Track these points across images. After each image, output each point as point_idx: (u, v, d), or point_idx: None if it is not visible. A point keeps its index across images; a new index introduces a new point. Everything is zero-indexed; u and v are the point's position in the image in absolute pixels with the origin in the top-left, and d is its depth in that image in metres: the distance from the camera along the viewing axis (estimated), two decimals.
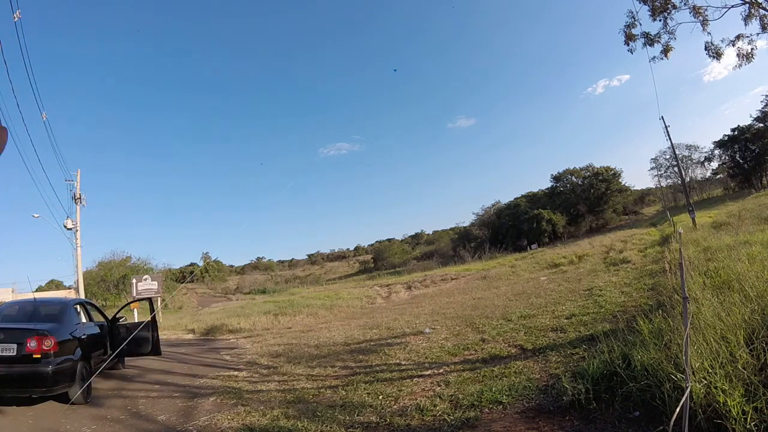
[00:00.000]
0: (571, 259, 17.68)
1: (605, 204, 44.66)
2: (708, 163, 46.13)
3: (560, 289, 10.70)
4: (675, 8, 10.58)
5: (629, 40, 11.37)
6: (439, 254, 49.41)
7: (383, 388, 4.85)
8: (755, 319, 3.25)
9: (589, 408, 3.23)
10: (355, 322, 11.91)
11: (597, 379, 3.46)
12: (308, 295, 23.56)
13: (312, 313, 15.17)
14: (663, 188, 49.98)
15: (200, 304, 30.81)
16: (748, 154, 40.17)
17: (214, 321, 15.20)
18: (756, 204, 18.93)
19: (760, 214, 13.92)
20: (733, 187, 42.60)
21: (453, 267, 29.81)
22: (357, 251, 78.38)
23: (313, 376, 6.06)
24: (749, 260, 5.57)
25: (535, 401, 3.69)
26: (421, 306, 13.42)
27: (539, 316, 7.57)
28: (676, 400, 2.49)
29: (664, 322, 3.81)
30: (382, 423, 3.80)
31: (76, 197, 19.17)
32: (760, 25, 10.46)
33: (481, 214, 51.26)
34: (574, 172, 46.46)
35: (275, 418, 4.29)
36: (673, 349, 3.13)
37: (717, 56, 11.01)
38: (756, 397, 2.43)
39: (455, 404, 3.96)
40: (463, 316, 9.47)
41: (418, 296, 17.64)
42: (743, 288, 4.14)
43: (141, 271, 27.65)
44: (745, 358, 2.74)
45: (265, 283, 51.88)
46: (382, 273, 43.48)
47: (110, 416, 4.96)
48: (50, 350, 4.94)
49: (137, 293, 16.32)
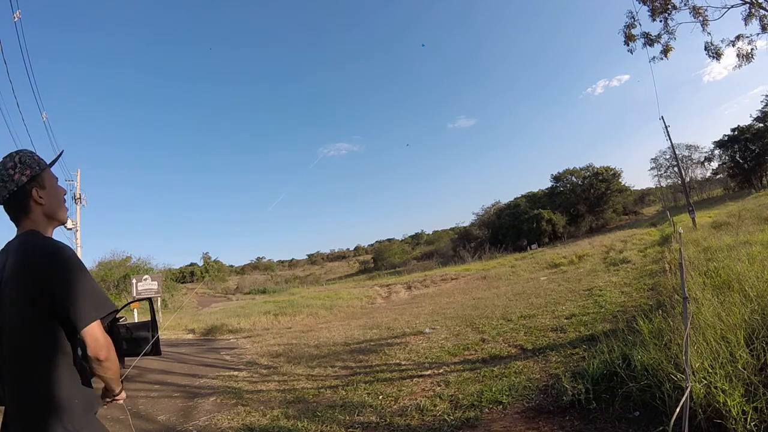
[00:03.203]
0: (571, 259, 17.67)
1: (605, 204, 44.63)
2: (708, 163, 46.15)
3: (560, 289, 10.69)
4: (675, 8, 10.60)
5: (629, 40, 11.39)
6: (439, 254, 49.43)
7: (383, 388, 4.85)
8: (755, 319, 3.24)
9: (589, 408, 3.23)
10: (355, 322, 11.91)
11: (597, 379, 3.46)
12: (308, 295, 23.55)
13: (312, 313, 15.16)
14: (663, 188, 49.97)
15: (200, 304, 30.78)
16: (748, 154, 40.14)
17: (214, 321, 15.21)
18: (756, 204, 18.92)
19: (760, 214, 13.91)
20: (733, 187, 42.57)
21: (453, 267, 29.79)
22: (357, 251, 78.37)
23: (313, 376, 6.06)
24: (749, 260, 5.57)
25: (535, 401, 3.69)
26: (421, 306, 13.42)
27: (539, 316, 7.57)
28: (676, 400, 2.49)
29: (664, 322, 3.81)
30: (382, 423, 3.80)
31: (76, 197, 19.19)
32: (760, 25, 10.47)
33: (481, 214, 51.29)
34: (574, 172, 46.44)
35: (275, 418, 4.29)
36: (673, 349, 3.13)
37: (717, 56, 11.02)
38: (756, 397, 2.43)
39: (455, 404, 3.96)
40: (463, 316, 9.46)
41: (418, 296, 17.64)
42: (743, 288, 4.14)
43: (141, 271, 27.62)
44: (745, 358, 2.74)
45: (265, 283, 51.83)
46: (382, 273, 43.49)
47: (110, 416, 4.96)
48: None
49: (137, 293, 16.30)
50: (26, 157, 1.34)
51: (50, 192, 1.38)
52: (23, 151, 1.37)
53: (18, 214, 1.33)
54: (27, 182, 1.32)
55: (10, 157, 1.33)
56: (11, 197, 1.31)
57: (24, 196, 1.32)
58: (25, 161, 1.33)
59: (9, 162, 1.32)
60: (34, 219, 1.34)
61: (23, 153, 1.36)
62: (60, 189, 1.44)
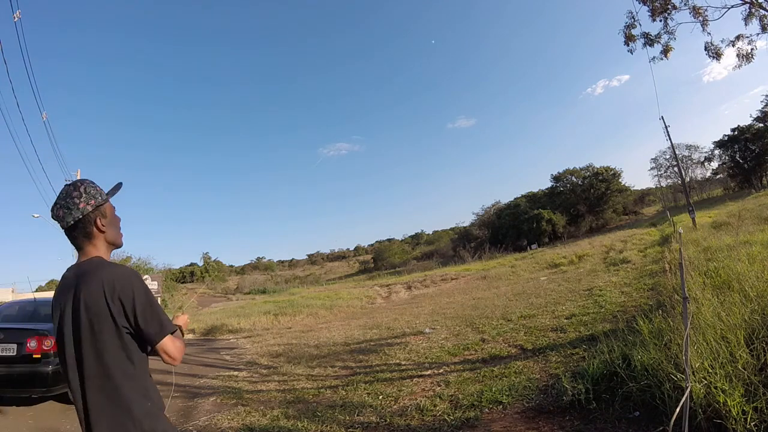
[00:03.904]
0: (571, 259, 17.66)
1: (605, 204, 44.61)
2: (708, 163, 46.12)
3: (560, 289, 10.69)
4: (675, 8, 10.60)
5: (629, 40, 11.39)
6: (439, 254, 49.41)
7: (383, 388, 4.85)
8: (755, 319, 3.24)
9: (589, 408, 3.23)
10: (355, 322, 11.91)
11: (597, 379, 3.46)
12: (308, 295, 23.55)
13: (312, 313, 15.17)
14: (663, 188, 49.95)
15: (200, 304, 30.77)
16: (748, 154, 40.14)
17: (214, 321, 15.22)
18: (756, 204, 18.90)
19: (760, 214, 13.90)
20: (733, 187, 42.56)
21: (453, 267, 29.79)
22: (357, 251, 78.36)
23: (313, 376, 6.06)
24: (749, 260, 5.57)
25: (535, 401, 3.69)
26: (421, 306, 13.42)
27: (539, 316, 7.57)
28: (676, 400, 2.49)
29: (664, 322, 3.81)
30: (382, 423, 3.80)
31: None
32: (760, 25, 10.47)
33: (481, 214, 51.29)
34: (574, 172, 46.43)
35: (275, 418, 4.29)
36: (673, 349, 3.13)
37: (717, 56, 11.02)
38: (756, 397, 2.43)
39: (455, 404, 3.96)
40: (463, 316, 9.46)
41: (418, 296, 17.64)
42: (743, 288, 4.14)
43: (141, 271, 27.61)
44: (745, 358, 2.73)
45: (265, 283, 51.85)
46: (382, 273, 43.49)
47: None
48: (50, 350, 4.94)
49: None
50: (90, 188, 1.49)
51: (111, 221, 1.53)
52: (87, 181, 1.51)
53: (82, 240, 1.48)
54: (92, 211, 1.46)
55: (75, 186, 1.47)
56: (76, 224, 1.45)
57: (88, 224, 1.47)
58: (90, 191, 1.47)
59: (74, 191, 1.46)
60: (97, 245, 1.49)
61: (87, 183, 1.50)
62: (117, 218, 1.59)
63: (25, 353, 4.88)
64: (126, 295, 1.37)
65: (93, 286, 1.36)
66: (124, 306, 1.36)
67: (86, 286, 1.36)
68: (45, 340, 4.94)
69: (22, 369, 4.85)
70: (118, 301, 1.35)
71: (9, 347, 4.90)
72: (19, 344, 4.91)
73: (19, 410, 5.13)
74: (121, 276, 1.40)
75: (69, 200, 1.44)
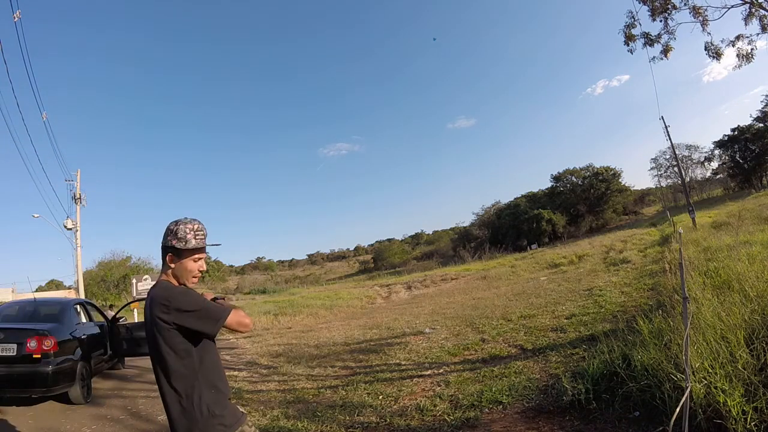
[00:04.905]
0: (571, 259, 17.67)
1: (605, 204, 44.63)
2: (708, 163, 46.17)
3: (560, 289, 10.70)
4: (675, 8, 10.58)
5: (629, 40, 11.37)
6: (439, 254, 49.44)
7: (383, 388, 4.84)
8: (755, 319, 3.24)
9: (589, 408, 3.23)
10: (355, 322, 11.91)
11: (597, 379, 3.46)
12: (308, 295, 23.55)
13: (312, 313, 15.17)
14: (663, 188, 49.99)
15: None
16: (748, 154, 40.17)
17: None
18: (756, 204, 18.91)
19: (760, 214, 13.91)
20: (733, 187, 42.59)
21: (453, 267, 29.80)
22: (357, 251, 78.37)
23: (313, 376, 6.06)
24: (749, 260, 5.57)
25: (535, 401, 3.69)
26: (421, 306, 13.42)
27: (539, 316, 7.57)
28: (676, 400, 2.49)
29: (664, 322, 3.81)
30: (382, 423, 3.80)
31: (76, 197, 19.20)
32: (760, 25, 10.46)
33: (481, 214, 51.31)
34: (574, 172, 46.45)
35: (275, 418, 4.29)
36: (673, 349, 3.13)
37: (717, 56, 11.01)
38: (756, 397, 2.43)
39: (455, 404, 3.96)
40: (463, 316, 9.46)
41: (418, 296, 17.64)
42: (743, 288, 4.14)
43: (141, 271, 27.64)
44: (745, 358, 2.73)
45: (265, 283, 51.78)
46: (382, 273, 43.48)
47: (110, 416, 4.97)
48: (50, 350, 4.95)
49: (137, 293, 16.29)
50: (182, 232, 1.70)
51: (183, 265, 1.73)
52: (191, 224, 1.73)
53: (162, 261, 1.78)
54: (167, 246, 1.72)
55: (177, 222, 1.73)
56: (161, 248, 1.75)
57: (163, 254, 1.74)
58: (180, 234, 1.70)
59: (173, 226, 1.72)
60: (167, 272, 1.75)
61: (184, 224, 1.72)
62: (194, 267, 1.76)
63: (25, 353, 4.87)
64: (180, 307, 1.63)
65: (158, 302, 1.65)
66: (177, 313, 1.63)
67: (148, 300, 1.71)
68: (45, 340, 4.94)
69: (22, 369, 4.85)
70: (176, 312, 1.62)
71: (9, 347, 4.89)
72: (19, 344, 4.90)
73: (19, 410, 5.13)
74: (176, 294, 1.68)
75: (167, 229, 1.73)
